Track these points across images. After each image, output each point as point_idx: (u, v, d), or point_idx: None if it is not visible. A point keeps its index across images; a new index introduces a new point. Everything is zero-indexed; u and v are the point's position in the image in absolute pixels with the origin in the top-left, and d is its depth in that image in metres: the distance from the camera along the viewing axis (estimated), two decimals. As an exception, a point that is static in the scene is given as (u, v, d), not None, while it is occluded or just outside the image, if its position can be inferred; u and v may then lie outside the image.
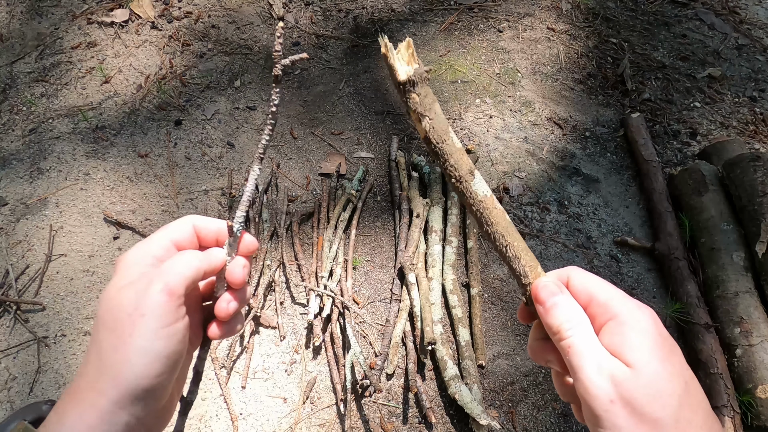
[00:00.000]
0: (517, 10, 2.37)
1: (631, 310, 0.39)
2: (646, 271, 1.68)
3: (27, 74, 1.99)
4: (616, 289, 0.41)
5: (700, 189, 1.70)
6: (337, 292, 1.49)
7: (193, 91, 2.01)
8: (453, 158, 0.45)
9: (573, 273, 0.43)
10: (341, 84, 2.08)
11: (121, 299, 0.40)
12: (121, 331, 0.38)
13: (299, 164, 1.85)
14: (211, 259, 0.44)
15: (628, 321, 0.39)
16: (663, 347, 0.38)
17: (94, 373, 0.38)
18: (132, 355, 0.38)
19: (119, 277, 0.41)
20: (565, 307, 0.41)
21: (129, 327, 0.38)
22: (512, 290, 1.61)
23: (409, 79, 0.43)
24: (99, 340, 0.39)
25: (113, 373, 0.38)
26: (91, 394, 0.38)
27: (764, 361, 1.37)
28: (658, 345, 0.37)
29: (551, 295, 0.42)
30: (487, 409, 1.39)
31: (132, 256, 0.43)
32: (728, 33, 2.35)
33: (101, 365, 0.38)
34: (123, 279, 0.41)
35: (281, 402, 1.38)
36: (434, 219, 1.64)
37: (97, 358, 0.39)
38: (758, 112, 2.08)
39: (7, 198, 1.69)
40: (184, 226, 0.46)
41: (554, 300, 0.42)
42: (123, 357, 0.38)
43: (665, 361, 0.37)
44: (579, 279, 0.43)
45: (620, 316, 0.39)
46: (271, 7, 2.26)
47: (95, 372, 0.38)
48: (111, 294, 0.40)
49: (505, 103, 2.06)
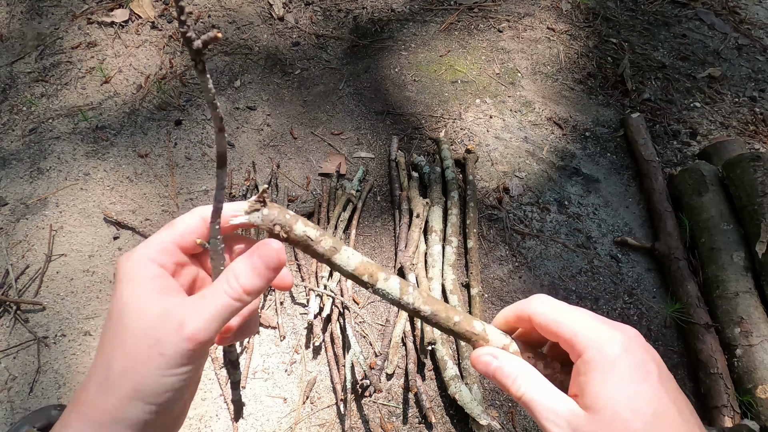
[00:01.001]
0: (517, 10, 2.37)
1: (596, 346, 0.38)
2: (646, 271, 1.68)
3: (27, 74, 1.99)
4: (583, 316, 0.40)
5: (700, 189, 1.70)
6: (337, 292, 1.49)
7: (193, 91, 2.01)
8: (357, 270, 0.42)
9: (534, 309, 0.42)
10: (341, 84, 2.08)
11: (139, 326, 0.36)
12: (135, 359, 0.36)
13: (299, 164, 1.85)
14: (249, 303, 0.39)
15: (592, 359, 0.37)
16: (631, 381, 0.36)
17: (100, 390, 0.36)
18: (143, 385, 0.36)
19: (130, 289, 0.37)
20: (506, 368, 0.42)
21: (145, 358, 0.35)
22: (512, 290, 1.61)
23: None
24: (108, 357, 0.36)
25: (121, 395, 0.35)
26: (96, 412, 0.36)
27: (764, 361, 1.37)
28: (624, 380, 0.36)
29: (487, 365, 0.43)
30: (487, 409, 1.39)
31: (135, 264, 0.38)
32: (728, 33, 2.35)
33: (108, 385, 0.36)
34: (135, 294, 0.37)
35: (281, 402, 1.38)
36: (434, 219, 1.64)
37: (104, 376, 0.36)
38: (758, 112, 2.08)
39: (7, 198, 1.69)
40: (191, 220, 0.41)
41: (493, 367, 0.43)
42: (133, 385, 0.36)
43: (630, 398, 0.36)
44: (541, 317, 0.41)
45: (584, 354, 0.38)
46: (271, 7, 2.26)
47: (101, 390, 0.36)
48: (128, 310, 0.37)
49: (505, 103, 2.06)
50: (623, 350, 0.37)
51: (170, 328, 0.36)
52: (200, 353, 0.37)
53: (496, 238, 1.71)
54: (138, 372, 0.35)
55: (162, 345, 0.35)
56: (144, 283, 0.37)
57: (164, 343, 0.35)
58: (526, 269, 1.65)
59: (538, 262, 1.67)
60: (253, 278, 0.38)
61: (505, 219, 1.75)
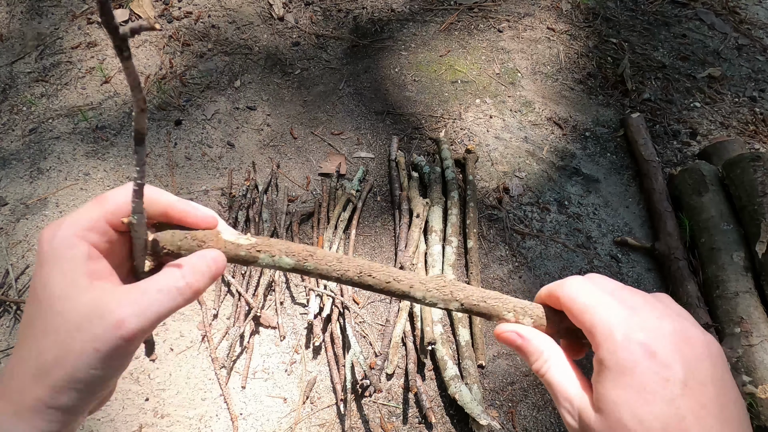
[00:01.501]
0: (517, 10, 2.37)
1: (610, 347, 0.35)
2: (646, 271, 1.68)
3: (27, 74, 1.99)
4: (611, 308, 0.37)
5: (700, 189, 1.70)
6: (337, 292, 1.49)
7: (193, 91, 2.01)
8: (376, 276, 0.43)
9: (564, 292, 0.40)
10: (341, 84, 2.08)
11: (71, 317, 0.34)
12: (69, 351, 0.34)
13: (299, 164, 1.85)
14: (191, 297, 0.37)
15: (604, 359, 0.35)
16: (642, 389, 0.33)
17: (33, 379, 0.34)
18: (77, 376, 0.34)
19: (58, 271, 0.35)
20: (532, 344, 0.42)
21: (79, 351, 0.34)
22: (512, 290, 1.61)
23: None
24: (39, 345, 0.34)
25: (55, 385, 0.34)
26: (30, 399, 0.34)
27: (764, 361, 1.37)
28: (633, 388, 0.34)
29: (513, 341, 0.43)
30: (487, 409, 1.39)
31: (62, 242, 0.35)
32: (728, 33, 2.35)
33: (41, 375, 0.34)
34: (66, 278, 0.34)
35: (281, 402, 1.38)
36: (434, 219, 1.64)
37: (36, 366, 0.34)
38: (758, 112, 2.08)
39: (7, 198, 1.69)
40: (125, 194, 0.37)
41: (518, 344, 0.43)
42: (67, 375, 0.34)
43: (639, 408, 0.33)
44: (567, 301, 0.40)
45: (598, 352, 0.36)
46: (271, 7, 2.26)
47: (34, 379, 0.34)
48: (58, 296, 0.34)
49: (505, 103, 2.06)
50: (643, 353, 0.34)
51: (107, 325, 0.34)
52: (136, 347, 0.36)
53: (496, 238, 1.71)
54: (72, 364, 0.34)
55: (98, 341, 0.34)
56: (73, 266, 0.35)
57: (100, 339, 0.34)
58: (526, 269, 1.65)
59: (538, 262, 1.67)
60: (207, 279, 0.38)
61: (505, 219, 1.75)
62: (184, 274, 0.37)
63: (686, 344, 0.34)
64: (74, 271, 0.35)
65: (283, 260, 0.42)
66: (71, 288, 0.34)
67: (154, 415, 1.34)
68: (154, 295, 0.35)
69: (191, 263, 0.38)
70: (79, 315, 0.34)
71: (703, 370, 0.34)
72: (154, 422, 1.33)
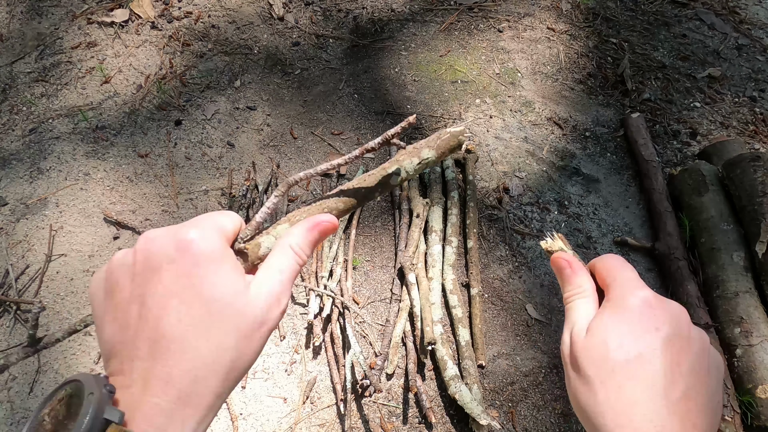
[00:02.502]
0: (517, 10, 2.37)
1: (621, 291, 0.41)
2: (646, 271, 1.68)
3: (27, 74, 1.99)
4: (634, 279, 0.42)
5: (700, 189, 1.70)
6: (337, 292, 1.49)
7: (193, 91, 2.01)
8: None
9: (599, 261, 0.46)
10: (341, 84, 2.08)
11: (246, 310, 0.37)
12: (251, 346, 0.37)
13: (299, 164, 1.85)
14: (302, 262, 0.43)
15: (612, 298, 0.42)
16: (632, 322, 0.39)
17: (222, 375, 0.36)
18: (250, 364, 0.38)
19: (219, 271, 0.37)
20: (577, 277, 0.46)
21: (257, 343, 0.38)
22: (512, 290, 1.61)
23: None
24: (221, 341, 0.35)
25: (235, 378, 0.37)
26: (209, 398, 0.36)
27: (764, 361, 1.37)
28: (624, 319, 0.39)
29: (563, 268, 0.47)
30: (487, 409, 1.39)
31: (213, 242, 0.38)
32: (728, 33, 2.35)
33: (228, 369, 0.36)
34: (227, 278, 0.37)
35: (281, 402, 1.38)
36: (434, 219, 1.64)
37: (221, 361, 0.36)
38: (758, 112, 2.08)
39: (7, 198, 1.69)
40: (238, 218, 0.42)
41: (566, 273, 0.47)
42: (245, 368, 0.37)
43: (623, 335, 0.38)
44: (599, 264, 0.45)
45: (611, 292, 0.42)
46: (271, 7, 2.26)
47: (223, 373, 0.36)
48: (226, 293, 0.36)
49: (505, 103, 2.06)
50: (644, 303, 0.39)
51: (274, 307, 0.38)
52: None
53: (496, 238, 1.71)
54: (250, 358, 0.37)
55: (270, 324, 0.38)
56: (234, 267, 0.38)
57: (271, 321, 0.38)
58: (526, 269, 1.65)
59: (538, 262, 1.67)
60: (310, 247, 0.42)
61: (505, 219, 1.75)
62: (301, 245, 0.42)
63: (680, 322, 0.39)
64: (236, 271, 0.38)
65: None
66: (240, 288, 0.37)
67: (154, 415, 1.34)
68: (286, 270, 0.40)
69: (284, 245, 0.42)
70: (255, 311, 0.37)
71: (687, 347, 0.38)
72: (154, 422, 1.33)
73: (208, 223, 0.38)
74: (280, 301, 0.39)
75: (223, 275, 0.36)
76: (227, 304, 0.36)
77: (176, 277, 0.35)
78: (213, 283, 0.36)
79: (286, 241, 0.41)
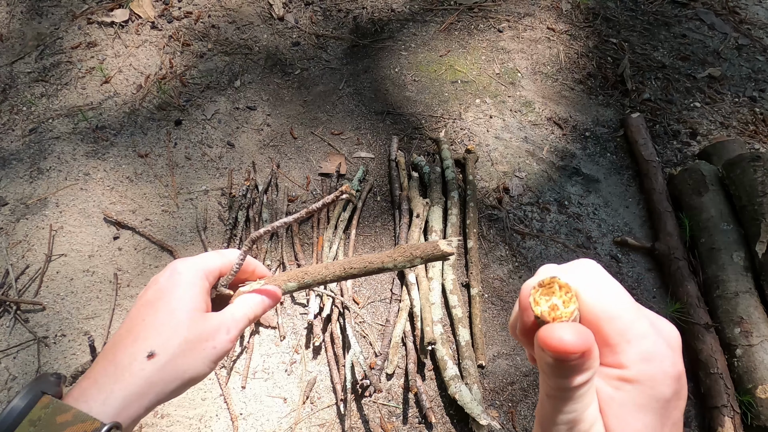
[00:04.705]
0: (517, 10, 2.37)
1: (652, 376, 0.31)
2: (646, 271, 1.68)
3: (27, 74, 1.99)
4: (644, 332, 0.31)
5: (700, 189, 1.70)
6: (337, 292, 1.49)
7: (193, 91, 2.01)
8: None
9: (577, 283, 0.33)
10: (341, 84, 2.08)
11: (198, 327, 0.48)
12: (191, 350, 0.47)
13: (299, 164, 1.85)
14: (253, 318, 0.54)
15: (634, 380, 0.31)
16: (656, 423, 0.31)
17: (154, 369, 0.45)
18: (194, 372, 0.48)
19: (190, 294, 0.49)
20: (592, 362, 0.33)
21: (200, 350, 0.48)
22: (512, 290, 1.61)
23: None
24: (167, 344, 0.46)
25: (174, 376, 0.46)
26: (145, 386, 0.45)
27: (764, 361, 1.37)
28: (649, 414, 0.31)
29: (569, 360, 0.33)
30: (487, 409, 1.39)
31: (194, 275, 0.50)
32: (728, 33, 2.35)
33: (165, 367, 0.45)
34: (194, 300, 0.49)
35: (281, 402, 1.38)
36: (434, 219, 1.64)
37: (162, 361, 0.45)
38: (758, 112, 2.08)
39: (7, 198, 1.69)
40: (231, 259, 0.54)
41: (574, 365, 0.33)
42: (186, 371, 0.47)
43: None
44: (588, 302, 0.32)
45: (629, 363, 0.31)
46: (271, 7, 2.26)
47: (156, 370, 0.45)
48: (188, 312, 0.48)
49: (505, 103, 2.06)
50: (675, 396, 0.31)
51: (222, 332, 0.49)
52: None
53: (496, 238, 1.71)
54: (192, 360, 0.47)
55: (215, 342, 0.48)
56: (201, 294, 0.50)
57: (218, 341, 0.48)
58: (526, 269, 1.65)
59: (538, 262, 1.66)
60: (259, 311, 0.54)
61: (505, 219, 1.75)
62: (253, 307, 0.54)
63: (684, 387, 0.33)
64: (200, 297, 0.50)
65: (289, 285, 0.55)
66: (199, 305, 0.49)
67: (154, 415, 1.34)
68: (240, 318, 0.52)
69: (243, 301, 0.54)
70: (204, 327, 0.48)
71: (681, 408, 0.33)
72: (155, 422, 1.34)
73: (198, 262, 0.51)
74: (229, 330, 0.49)
75: (190, 294, 0.49)
76: (184, 312, 0.47)
77: (157, 291, 0.49)
78: (180, 297, 0.48)
79: (245, 298, 0.53)
